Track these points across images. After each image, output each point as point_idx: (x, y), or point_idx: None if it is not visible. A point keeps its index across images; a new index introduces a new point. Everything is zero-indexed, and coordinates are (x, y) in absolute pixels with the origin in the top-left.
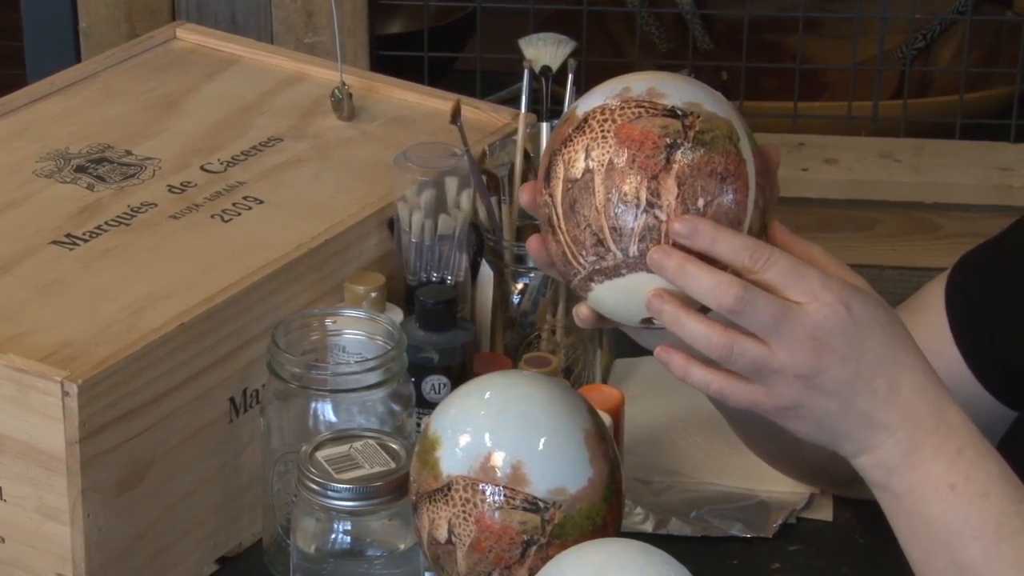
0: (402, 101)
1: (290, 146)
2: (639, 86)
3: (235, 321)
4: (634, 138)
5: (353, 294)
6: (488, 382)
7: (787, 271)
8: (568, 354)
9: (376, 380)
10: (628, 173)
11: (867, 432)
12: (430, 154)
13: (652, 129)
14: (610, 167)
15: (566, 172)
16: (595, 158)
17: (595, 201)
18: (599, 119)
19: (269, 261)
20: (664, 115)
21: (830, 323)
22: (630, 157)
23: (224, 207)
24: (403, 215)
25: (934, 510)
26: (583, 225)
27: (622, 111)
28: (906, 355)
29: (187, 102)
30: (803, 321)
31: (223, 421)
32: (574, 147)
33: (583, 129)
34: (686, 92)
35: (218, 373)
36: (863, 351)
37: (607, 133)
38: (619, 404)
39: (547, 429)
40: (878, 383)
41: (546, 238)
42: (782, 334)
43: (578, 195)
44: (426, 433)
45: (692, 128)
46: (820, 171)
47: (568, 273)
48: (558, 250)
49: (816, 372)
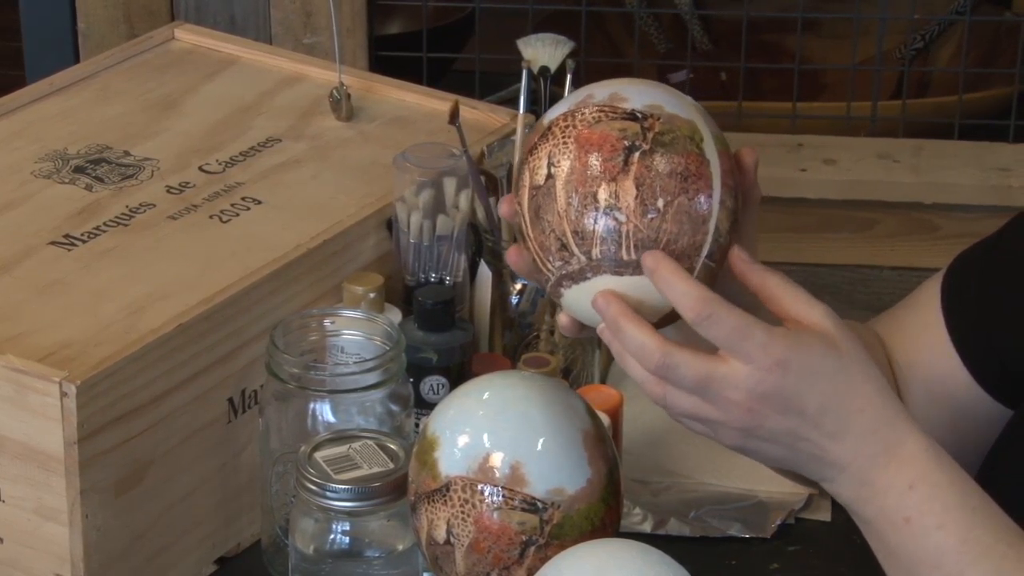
0: (401, 101)
1: (289, 146)
2: (601, 92)
3: (234, 322)
4: (593, 142)
5: (352, 294)
6: (487, 383)
7: (729, 331)
8: (567, 354)
9: (375, 381)
10: (587, 177)
11: (819, 467)
12: (429, 154)
13: (611, 132)
14: (570, 172)
15: (531, 179)
16: (556, 164)
17: (557, 206)
18: (561, 126)
19: (268, 261)
20: (623, 118)
21: (764, 386)
22: (588, 161)
23: (223, 207)
24: (402, 215)
25: (894, 540)
26: (548, 231)
27: (582, 117)
28: (854, 399)
29: (186, 103)
30: (733, 383)
31: (222, 421)
32: (538, 155)
33: (546, 137)
34: (647, 95)
35: (217, 373)
36: (804, 404)
37: (568, 139)
38: (618, 405)
39: (546, 430)
40: (825, 428)
41: (520, 246)
42: (710, 394)
43: (542, 201)
44: (425, 434)
45: (651, 130)
46: (819, 171)
47: (540, 280)
48: (529, 257)
49: (753, 427)
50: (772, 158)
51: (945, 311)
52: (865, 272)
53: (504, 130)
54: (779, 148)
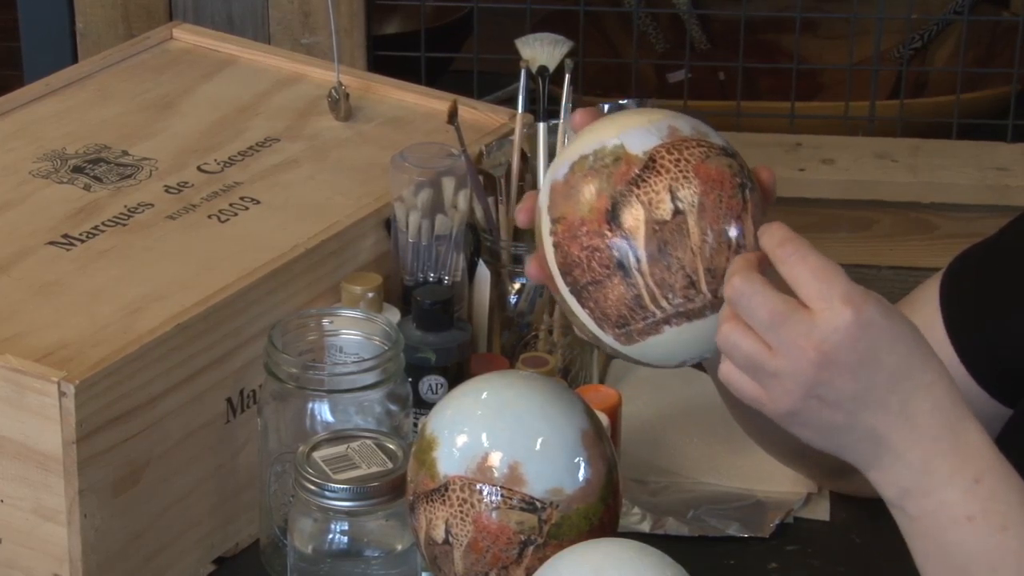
0: (399, 101)
1: (287, 146)
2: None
3: (232, 321)
4: (714, 178)
5: (350, 294)
6: (485, 382)
7: (812, 270)
8: (565, 354)
9: (373, 380)
10: (719, 213)
11: (875, 449)
12: (427, 154)
13: (724, 169)
14: (701, 208)
15: (649, 214)
16: (683, 199)
17: (690, 243)
18: (671, 159)
19: (266, 261)
20: (723, 154)
21: (839, 335)
22: (717, 197)
23: (221, 207)
24: (400, 215)
25: (950, 538)
26: (675, 267)
27: (689, 151)
28: (926, 372)
29: (183, 103)
30: (806, 329)
31: (220, 421)
32: (653, 187)
33: (655, 169)
34: (705, 127)
35: (215, 373)
36: (876, 367)
37: (687, 173)
38: (616, 404)
39: (544, 429)
40: (891, 400)
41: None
42: (781, 337)
43: (669, 237)
44: (423, 433)
45: (743, 166)
46: (817, 171)
47: (628, 317)
48: (624, 293)
49: (817, 383)
50: (770, 158)
51: (944, 311)
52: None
53: (502, 130)
54: (777, 148)
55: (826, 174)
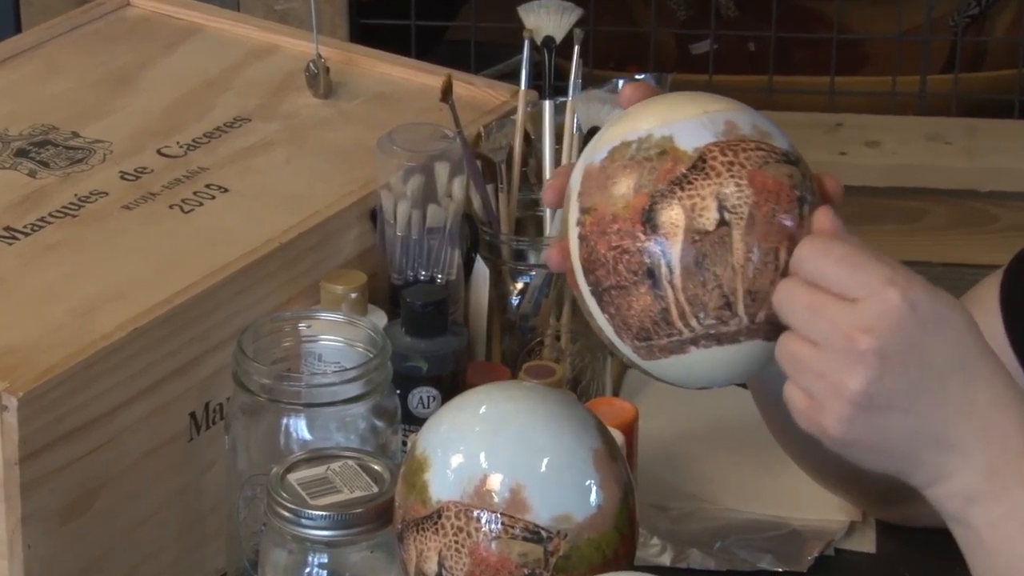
0: (386, 76)
1: (259, 127)
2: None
3: (197, 325)
4: (770, 188)
5: (330, 295)
6: (483, 395)
7: (839, 260)
8: (574, 363)
9: (356, 392)
10: (770, 230)
11: (936, 455)
12: (418, 136)
13: (782, 179)
14: (750, 221)
15: (690, 221)
16: (732, 209)
17: (732, 260)
18: (724, 161)
19: (235, 258)
20: (784, 161)
21: (885, 322)
22: (770, 211)
23: (184, 196)
24: (387, 205)
25: (1022, 549)
26: (711, 285)
27: (746, 153)
28: (983, 362)
29: (142, 78)
30: (849, 319)
31: (183, 439)
32: (698, 191)
33: (704, 170)
34: (769, 124)
35: (177, 384)
36: (928, 356)
37: (740, 180)
38: (632, 420)
39: (550, 448)
40: (948, 393)
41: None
42: (819, 331)
43: (709, 250)
44: (413, 452)
45: (806, 175)
46: (860, 155)
47: (652, 331)
48: (651, 305)
49: (867, 381)
50: (807, 140)
51: (1005, 314)
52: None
53: (503, 108)
54: (815, 128)
55: (870, 158)
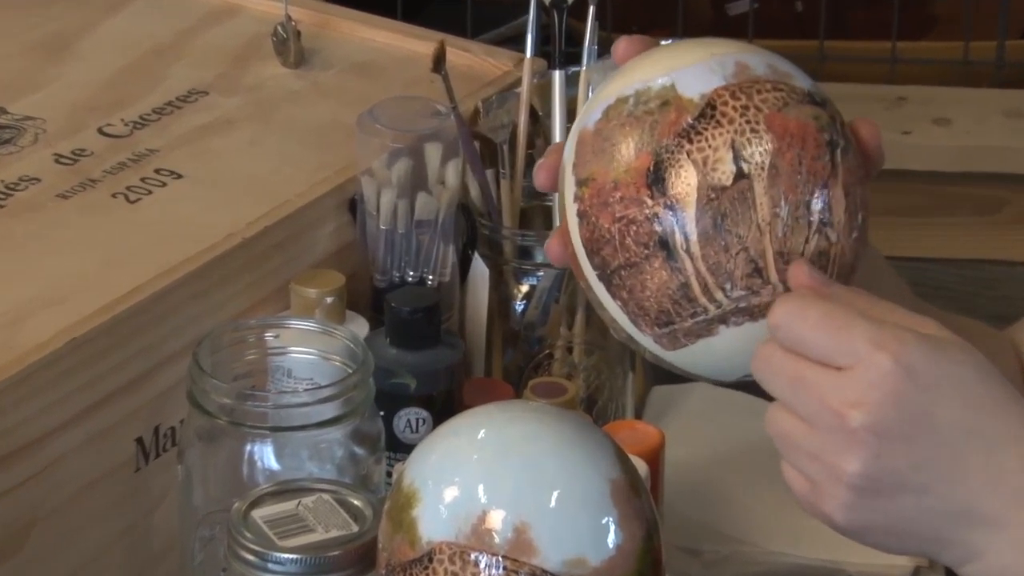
0: (367, 42)
1: (217, 102)
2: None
3: (144, 335)
4: (792, 132)
5: (302, 299)
6: (483, 417)
7: (815, 325)
8: (589, 379)
9: (333, 414)
10: (797, 179)
11: (965, 532)
12: (405, 113)
13: (807, 121)
14: (773, 171)
15: (703, 178)
16: (750, 158)
17: (756, 217)
18: (736, 105)
19: (190, 255)
20: (808, 102)
21: (876, 393)
22: (795, 158)
23: (130, 183)
24: (369, 194)
25: None
26: (735, 249)
27: (762, 96)
28: (1006, 420)
29: (80, 44)
30: (836, 392)
31: (128, 469)
32: (709, 142)
33: (714, 118)
34: (788, 65)
35: (122, 405)
36: (936, 426)
37: (756, 125)
38: (657, 446)
39: (561, 480)
40: (968, 463)
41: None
42: (806, 407)
43: (729, 208)
44: (400, 485)
45: (836, 118)
46: (927, 134)
47: (672, 312)
48: (668, 281)
49: (863, 461)
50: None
51: None
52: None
53: (505, 80)
54: (874, 103)
55: (939, 138)
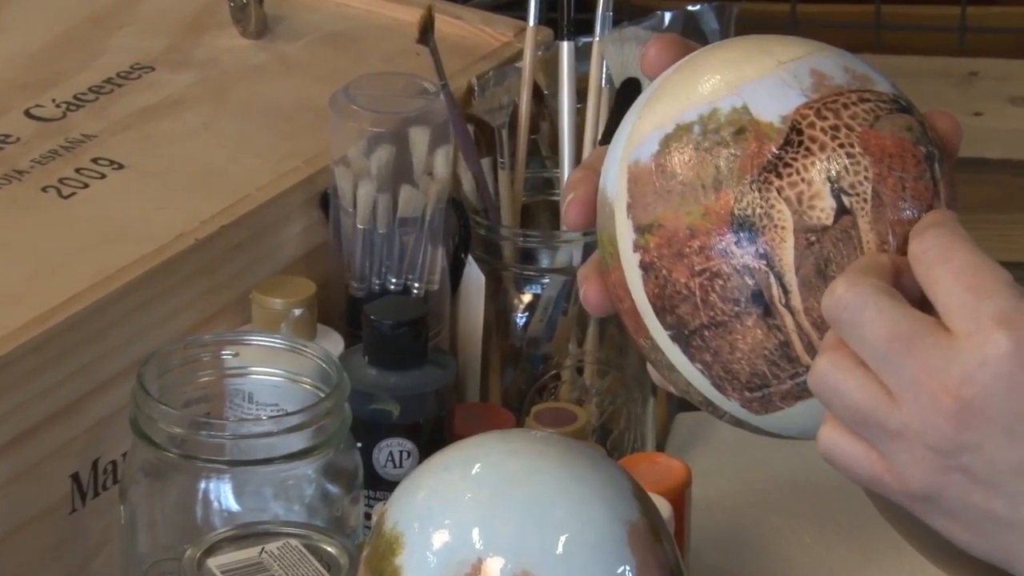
0: (341, 8)
1: (165, 79)
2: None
3: (80, 354)
4: (890, 151)
5: (266, 311)
6: (478, 449)
7: (957, 272)
8: (603, 405)
9: (302, 446)
10: (902, 206)
11: None
12: (386, 92)
13: (902, 135)
14: (877, 201)
15: (799, 217)
16: (850, 189)
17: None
18: (825, 126)
19: (134, 259)
20: (897, 110)
21: (988, 374)
22: (897, 182)
23: (63, 175)
24: (344, 187)
25: None
26: None
27: (850, 110)
28: None
29: (3, 12)
30: (941, 363)
31: (62, 510)
32: (801, 174)
33: (803, 145)
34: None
35: (54, 435)
36: None
37: (852, 146)
38: (682, 483)
39: (570, 522)
40: None
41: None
42: (904, 376)
43: (832, 252)
44: (381, 528)
45: (924, 124)
46: (1002, 116)
47: (768, 375)
48: (763, 340)
49: (958, 447)
50: (929, 94)
51: None
52: None
53: (504, 53)
54: (940, 79)
55: (1017, 120)
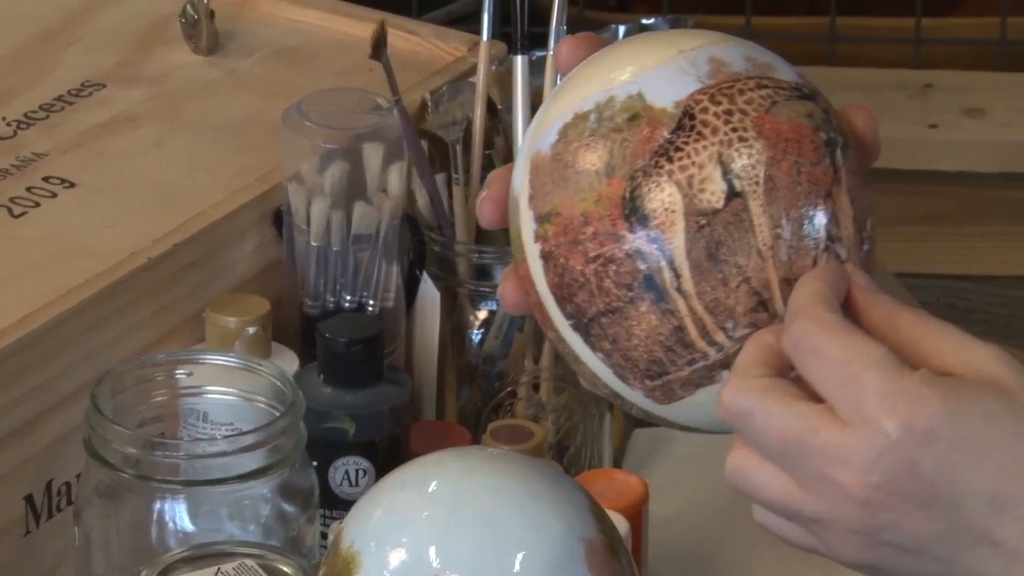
0: (294, 24)
1: (116, 95)
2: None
3: (32, 374)
4: (785, 135)
5: (219, 329)
6: (434, 467)
7: (831, 364)
8: (560, 421)
9: (256, 465)
10: (798, 191)
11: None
12: (339, 108)
13: (800, 120)
14: (770, 185)
15: (690, 201)
16: (741, 172)
17: (755, 240)
18: (718, 111)
19: (87, 279)
20: (797, 97)
21: (888, 462)
22: (792, 166)
23: (13, 194)
24: (297, 204)
25: None
26: (735, 281)
27: (745, 95)
28: None
29: None
30: (837, 458)
31: (16, 532)
32: (692, 158)
33: (695, 129)
34: (767, 55)
35: (8, 457)
36: (963, 493)
37: (745, 131)
38: (640, 500)
39: (527, 540)
40: (1003, 533)
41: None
42: (806, 472)
43: (723, 234)
44: (337, 548)
45: (829, 111)
46: (957, 127)
47: (666, 361)
48: (658, 326)
49: (878, 528)
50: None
51: None
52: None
53: (458, 67)
54: (895, 91)
55: (972, 132)
